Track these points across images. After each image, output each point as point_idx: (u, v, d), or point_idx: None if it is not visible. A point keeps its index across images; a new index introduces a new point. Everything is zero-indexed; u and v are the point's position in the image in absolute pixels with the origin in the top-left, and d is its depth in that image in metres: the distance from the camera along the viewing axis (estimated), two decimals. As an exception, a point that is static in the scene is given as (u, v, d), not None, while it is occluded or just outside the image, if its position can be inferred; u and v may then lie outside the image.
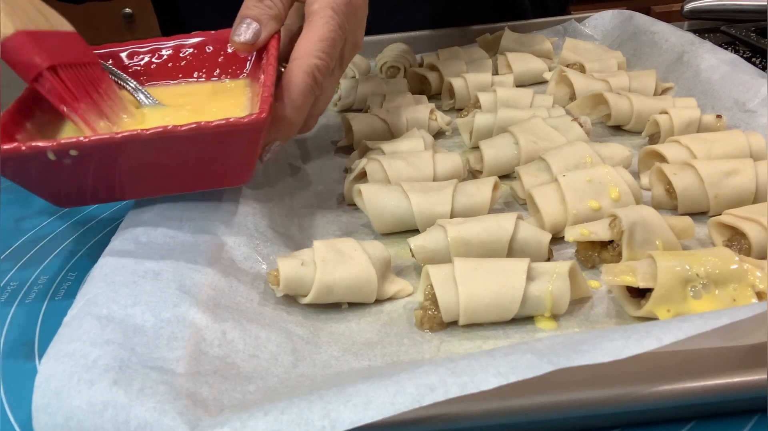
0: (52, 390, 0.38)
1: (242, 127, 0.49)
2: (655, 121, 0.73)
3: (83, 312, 0.43)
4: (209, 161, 0.51)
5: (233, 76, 0.65)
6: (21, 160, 0.48)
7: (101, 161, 0.49)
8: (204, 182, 0.54)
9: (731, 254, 0.48)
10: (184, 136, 0.48)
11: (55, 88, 0.51)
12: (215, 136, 0.49)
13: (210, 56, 0.65)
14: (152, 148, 0.49)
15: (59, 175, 0.50)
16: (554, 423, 0.39)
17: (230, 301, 0.48)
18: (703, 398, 0.39)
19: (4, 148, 0.47)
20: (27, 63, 0.50)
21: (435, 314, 0.49)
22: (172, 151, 0.50)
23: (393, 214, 0.60)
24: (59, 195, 0.53)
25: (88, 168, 0.50)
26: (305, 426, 0.34)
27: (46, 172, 0.49)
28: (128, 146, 0.48)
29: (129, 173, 0.51)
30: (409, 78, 0.95)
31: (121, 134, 0.48)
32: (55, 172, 0.49)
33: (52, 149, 0.48)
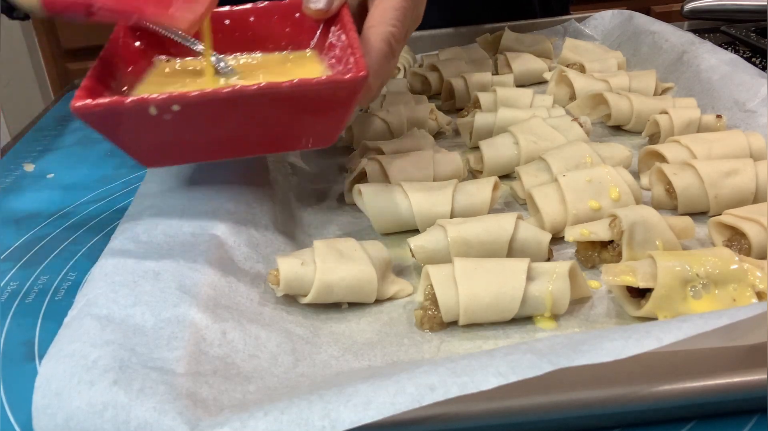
0: (53, 391, 0.38)
1: (344, 84, 0.49)
2: (655, 121, 0.73)
3: (83, 312, 0.43)
4: (304, 120, 0.51)
5: (299, 47, 0.64)
6: (121, 115, 0.47)
7: (201, 117, 0.48)
8: (293, 142, 0.53)
9: (731, 254, 0.48)
10: (287, 93, 0.48)
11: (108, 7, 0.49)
12: (317, 93, 0.49)
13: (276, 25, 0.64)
14: (254, 104, 0.48)
15: (155, 131, 0.49)
16: (554, 423, 0.39)
17: (230, 301, 0.48)
18: (703, 398, 0.39)
19: (107, 101, 0.46)
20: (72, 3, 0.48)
21: (435, 314, 0.49)
22: (271, 108, 0.49)
23: (393, 213, 0.60)
24: (149, 152, 0.52)
25: (186, 124, 0.48)
26: (305, 426, 0.34)
27: (143, 127, 0.48)
28: (232, 102, 0.47)
29: (225, 130, 0.50)
30: (409, 78, 0.95)
31: (226, 89, 0.47)
32: (151, 127, 0.48)
33: (156, 103, 0.46)
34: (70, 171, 0.82)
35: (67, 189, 0.77)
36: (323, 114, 0.51)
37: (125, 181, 0.78)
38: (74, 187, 0.77)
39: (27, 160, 0.85)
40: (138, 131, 0.49)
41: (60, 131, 0.94)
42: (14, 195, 0.76)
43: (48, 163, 0.84)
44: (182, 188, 0.58)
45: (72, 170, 0.82)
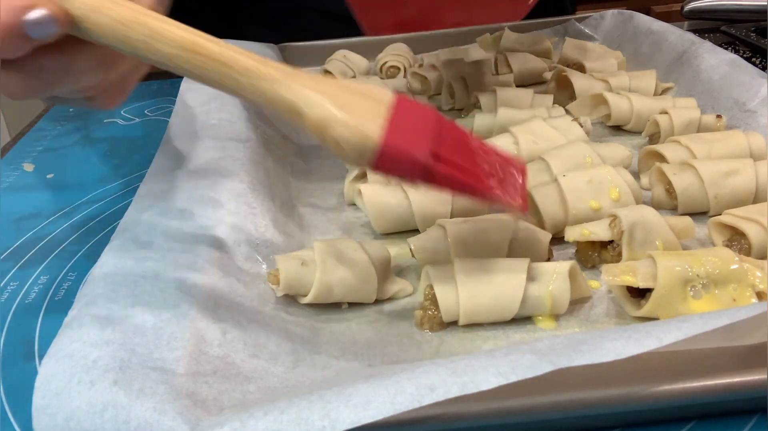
0: (53, 391, 0.38)
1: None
2: (655, 121, 0.73)
3: (83, 312, 0.43)
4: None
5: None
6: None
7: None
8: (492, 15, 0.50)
9: (731, 254, 0.48)
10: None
11: (449, 174, 0.44)
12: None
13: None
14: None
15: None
16: (554, 423, 0.39)
17: (230, 301, 0.48)
18: (703, 398, 0.39)
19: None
20: (411, 164, 0.43)
21: (435, 314, 0.49)
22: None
23: (393, 213, 0.60)
24: (378, 19, 0.50)
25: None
26: (305, 425, 0.34)
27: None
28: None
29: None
30: (409, 78, 0.95)
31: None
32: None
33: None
34: (70, 171, 0.82)
35: (67, 189, 0.77)
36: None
37: (125, 181, 0.78)
38: (74, 187, 0.77)
39: (27, 160, 0.85)
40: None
41: (60, 131, 0.94)
42: (14, 195, 0.76)
43: (48, 163, 0.84)
44: (182, 188, 0.58)
45: (72, 170, 0.82)
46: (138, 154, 0.84)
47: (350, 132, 0.41)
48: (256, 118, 0.74)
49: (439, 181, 0.44)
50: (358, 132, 0.42)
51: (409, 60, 0.99)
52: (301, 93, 0.42)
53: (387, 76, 0.98)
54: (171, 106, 0.73)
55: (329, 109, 0.42)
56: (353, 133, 0.42)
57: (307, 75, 0.43)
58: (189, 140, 0.66)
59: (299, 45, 1.06)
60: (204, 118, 0.69)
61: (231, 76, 0.41)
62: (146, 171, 0.62)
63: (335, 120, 0.41)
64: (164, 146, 0.66)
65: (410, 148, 0.43)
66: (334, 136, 0.42)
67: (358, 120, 0.42)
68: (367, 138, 0.42)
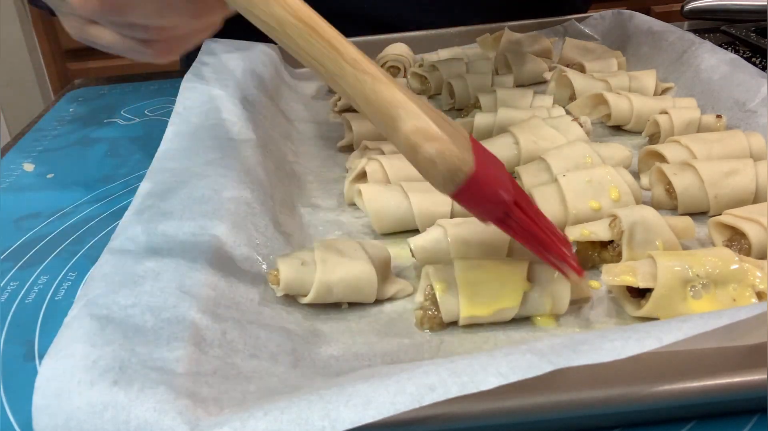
0: (53, 391, 0.38)
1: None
2: (655, 121, 0.73)
3: (83, 312, 0.43)
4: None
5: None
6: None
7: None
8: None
9: (731, 254, 0.48)
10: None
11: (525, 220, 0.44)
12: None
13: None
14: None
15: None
16: (554, 423, 0.39)
17: (230, 301, 0.48)
18: (703, 398, 0.39)
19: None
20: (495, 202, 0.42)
21: (435, 314, 0.49)
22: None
23: (393, 214, 0.60)
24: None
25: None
26: (305, 425, 0.34)
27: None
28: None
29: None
30: (409, 78, 0.95)
31: None
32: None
33: None
34: (70, 171, 0.82)
35: (67, 189, 0.77)
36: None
37: (125, 181, 0.78)
38: (74, 186, 0.77)
39: (27, 160, 0.85)
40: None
41: (60, 131, 0.94)
42: (14, 195, 0.76)
43: (48, 163, 0.84)
44: (182, 188, 0.58)
45: (72, 170, 0.82)
46: (138, 154, 0.84)
47: (448, 152, 0.40)
48: (257, 118, 0.74)
49: (513, 225, 0.44)
50: (455, 155, 0.40)
51: (409, 60, 0.99)
52: (401, 99, 0.41)
53: (387, 76, 0.98)
54: (171, 106, 0.73)
55: (429, 124, 0.40)
56: (451, 154, 0.40)
57: (409, 90, 0.43)
58: (189, 140, 0.66)
59: (299, 45, 1.05)
60: (204, 117, 0.69)
61: (337, 61, 0.41)
62: (146, 171, 0.62)
63: (434, 136, 0.40)
64: (164, 146, 0.66)
65: (498, 186, 0.42)
66: (431, 152, 0.40)
67: (455, 143, 0.41)
68: (463, 162, 0.41)
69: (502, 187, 0.43)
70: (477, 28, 1.07)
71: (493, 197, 0.42)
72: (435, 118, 0.42)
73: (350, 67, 0.41)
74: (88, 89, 1.10)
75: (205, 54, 0.86)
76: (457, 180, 0.41)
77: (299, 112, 0.90)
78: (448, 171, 0.41)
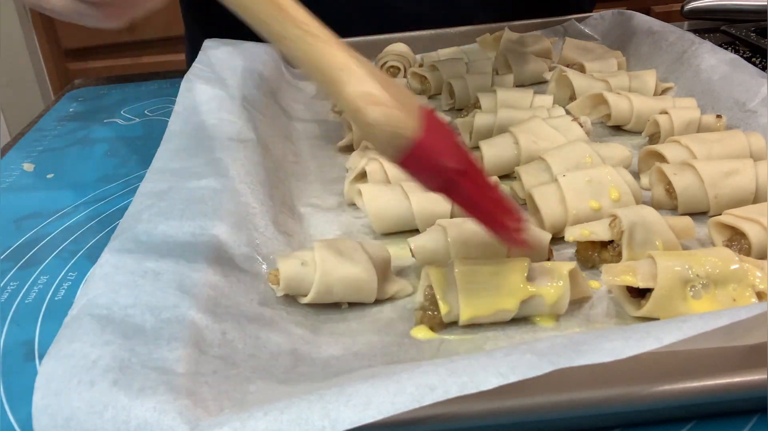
0: (53, 391, 0.38)
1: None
2: (655, 121, 0.73)
3: (83, 312, 0.43)
4: None
5: None
6: None
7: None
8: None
9: (731, 254, 0.48)
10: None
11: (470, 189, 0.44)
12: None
13: None
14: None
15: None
16: (554, 423, 0.39)
17: (230, 301, 0.48)
18: (703, 398, 0.39)
19: None
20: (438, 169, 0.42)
21: (435, 314, 0.49)
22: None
23: (393, 214, 0.60)
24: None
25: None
26: (305, 426, 0.34)
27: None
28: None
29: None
30: (409, 78, 0.95)
31: None
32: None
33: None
34: (70, 171, 0.82)
35: (67, 189, 0.77)
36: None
37: (125, 181, 0.78)
38: (74, 186, 0.77)
39: (27, 160, 0.85)
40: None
41: (60, 131, 0.94)
42: (14, 195, 0.76)
43: (48, 163, 0.84)
44: (182, 188, 0.58)
45: (72, 170, 0.82)
46: (138, 154, 0.84)
47: (390, 116, 0.40)
48: (257, 118, 0.74)
49: (459, 194, 0.44)
50: (399, 119, 0.40)
51: (409, 60, 0.99)
52: (347, 63, 0.40)
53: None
54: (171, 106, 0.73)
55: (372, 87, 0.40)
56: (393, 118, 0.40)
57: (357, 54, 0.42)
58: (189, 140, 0.66)
59: (299, 45, 1.05)
60: (204, 117, 0.69)
61: (283, 22, 0.40)
62: (146, 171, 0.62)
63: (378, 100, 0.40)
64: (164, 146, 0.66)
65: (443, 152, 0.42)
66: (375, 116, 0.40)
67: (400, 108, 0.40)
68: (406, 128, 0.40)
69: (447, 156, 0.42)
70: (477, 28, 1.07)
71: (436, 165, 0.42)
72: (383, 83, 0.41)
73: (296, 28, 0.40)
74: (88, 89, 1.10)
75: (205, 53, 0.86)
76: (399, 145, 0.41)
77: (299, 111, 0.90)
78: (391, 135, 0.40)
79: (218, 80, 0.77)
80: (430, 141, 0.41)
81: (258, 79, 0.85)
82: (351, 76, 0.40)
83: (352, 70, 0.40)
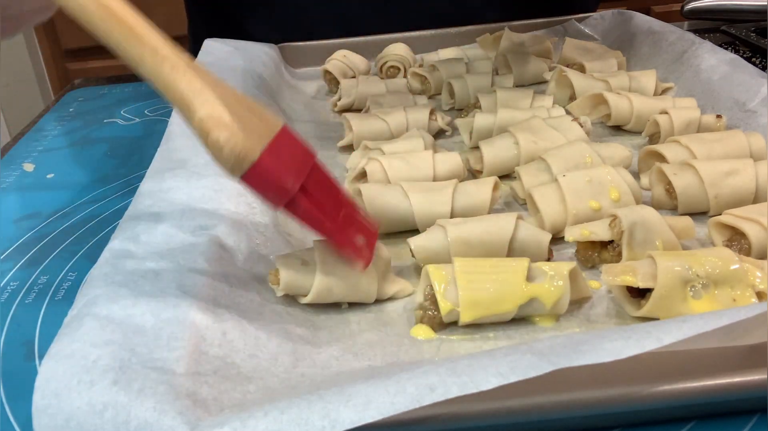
0: (53, 391, 0.38)
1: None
2: (655, 121, 0.73)
3: (83, 312, 0.43)
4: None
5: None
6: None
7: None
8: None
9: (731, 254, 0.48)
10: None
11: (309, 210, 0.47)
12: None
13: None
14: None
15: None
16: (554, 423, 0.39)
17: (230, 301, 0.48)
18: (703, 398, 0.39)
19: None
20: (278, 189, 0.45)
21: (435, 314, 0.49)
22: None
23: (393, 213, 0.60)
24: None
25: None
26: (305, 425, 0.34)
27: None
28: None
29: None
30: (409, 78, 0.95)
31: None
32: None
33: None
34: (70, 171, 0.82)
35: (67, 189, 0.77)
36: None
37: (125, 181, 0.78)
38: (74, 186, 0.77)
39: (27, 160, 0.85)
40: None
41: (60, 131, 0.94)
42: (14, 195, 0.76)
43: (48, 163, 0.84)
44: (182, 188, 0.58)
45: (72, 170, 0.82)
46: (138, 154, 0.84)
47: (232, 141, 0.43)
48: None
49: (299, 213, 0.47)
50: (241, 142, 0.43)
51: (409, 60, 0.99)
52: (199, 88, 0.43)
53: (387, 76, 0.98)
54: (171, 106, 0.73)
55: (219, 112, 0.43)
56: (236, 141, 0.43)
57: (213, 77, 0.45)
58: (189, 140, 0.66)
59: (299, 45, 1.06)
60: (204, 118, 0.69)
61: (137, 48, 0.42)
62: (146, 171, 0.62)
63: (221, 124, 0.43)
64: (164, 146, 0.66)
65: (282, 174, 0.45)
66: (218, 138, 0.43)
67: (244, 132, 0.43)
68: (248, 150, 0.43)
69: (287, 177, 0.45)
70: (477, 28, 1.07)
71: (275, 185, 0.45)
72: (235, 104, 0.44)
73: (150, 54, 0.42)
74: (88, 89, 1.10)
75: (205, 53, 0.86)
76: (242, 166, 0.44)
77: (299, 112, 0.90)
78: (232, 157, 0.43)
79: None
80: (272, 162, 0.44)
81: (258, 80, 0.85)
82: (201, 100, 0.43)
83: (203, 94, 0.43)
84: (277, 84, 0.91)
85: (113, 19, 0.42)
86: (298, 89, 0.97)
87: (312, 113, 0.91)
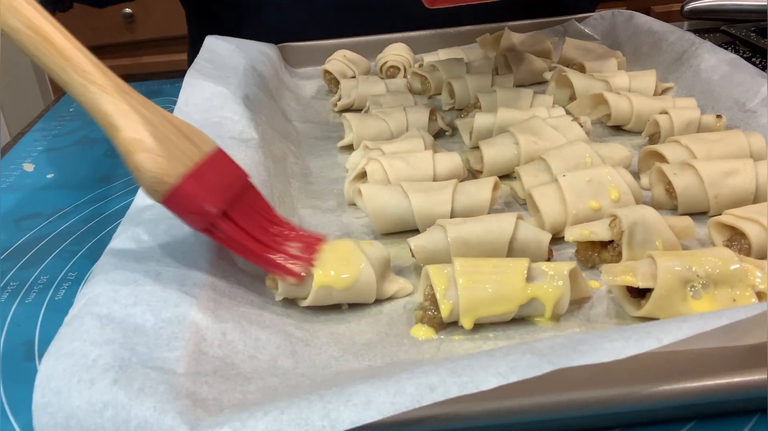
0: (53, 390, 0.38)
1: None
2: (655, 121, 0.73)
3: (84, 311, 0.43)
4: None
5: None
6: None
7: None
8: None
9: (731, 254, 0.48)
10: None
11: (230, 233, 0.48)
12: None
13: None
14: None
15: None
16: (554, 423, 0.39)
17: (230, 302, 0.48)
18: (703, 398, 0.39)
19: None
20: (197, 213, 0.46)
21: (435, 314, 0.49)
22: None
23: (393, 213, 0.60)
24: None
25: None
26: (305, 426, 0.34)
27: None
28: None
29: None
30: (409, 78, 0.95)
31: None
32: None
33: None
34: (70, 171, 0.82)
35: (67, 189, 0.77)
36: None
37: (125, 181, 0.78)
38: (74, 186, 0.77)
39: (27, 160, 0.85)
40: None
41: (60, 131, 0.94)
42: (14, 195, 0.76)
43: (48, 163, 0.84)
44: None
45: (72, 170, 0.82)
46: (138, 154, 0.84)
47: (153, 164, 0.44)
48: (258, 117, 0.74)
49: (220, 238, 0.48)
50: (160, 167, 0.44)
51: (409, 60, 0.99)
52: (123, 111, 0.45)
53: (387, 76, 0.98)
54: (171, 106, 0.73)
55: (143, 135, 0.44)
56: (156, 165, 0.44)
57: (143, 100, 0.46)
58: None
59: (299, 45, 1.06)
60: (205, 116, 0.69)
61: (66, 71, 0.44)
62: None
63: (144, 147, 0.44)
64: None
65: (202, 199, 0.46)
66: (138, 162, 0.44)
67: (166, 156, 0.45)
68: (167, 175, 0.45)
69: (208, 201, 0.46)
70: (477, 28, 1.07)
71: (195, 210, 0.46)
72: (161, 127, 0.46)
73: (79, 77, 0.44)
74: (88, 89, 1.09)
75: (207, 50, 0.86)
76: (160, 190, 0.45)
77: (299, 112, 0.90)
78: (151, 181, 0.45)
79: (221, 78, 0.77)
80: (192, 187, 0.46)
81: (258, 78, 0.85)
82: (125, 122, 0.44)
83: (127, 116, 0.45)
84: (277, 84, 0.91)
85: (45, 43, 0.44)
86: (297, 89, 0.97)
87: (312, 113, 0.91)
